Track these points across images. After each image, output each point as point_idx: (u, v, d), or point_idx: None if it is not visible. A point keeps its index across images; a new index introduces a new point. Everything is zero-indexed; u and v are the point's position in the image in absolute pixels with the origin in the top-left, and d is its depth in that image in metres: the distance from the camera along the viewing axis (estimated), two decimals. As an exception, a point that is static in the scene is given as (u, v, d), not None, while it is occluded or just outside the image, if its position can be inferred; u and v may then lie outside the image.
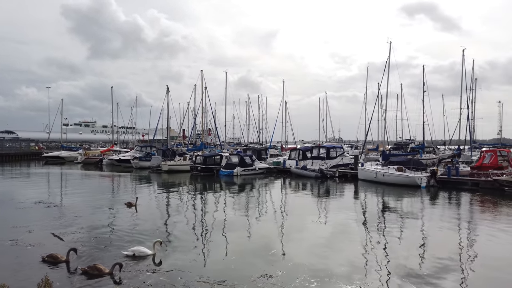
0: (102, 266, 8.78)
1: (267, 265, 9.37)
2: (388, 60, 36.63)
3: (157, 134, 64.89)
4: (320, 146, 40.96)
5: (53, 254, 9.64)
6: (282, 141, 66.82)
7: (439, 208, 19.16)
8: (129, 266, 9.23)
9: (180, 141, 64.05)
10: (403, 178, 26.32)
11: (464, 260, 10.22)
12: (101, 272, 8.60)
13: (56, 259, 9.49)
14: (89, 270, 8.65)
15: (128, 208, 17.19)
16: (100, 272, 8.59)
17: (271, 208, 18.99)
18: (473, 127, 45.48)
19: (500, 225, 14.68)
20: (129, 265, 9.26)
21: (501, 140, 65.94)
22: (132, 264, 9.35)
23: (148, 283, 8.19)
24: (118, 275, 8.51)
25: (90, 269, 8.68)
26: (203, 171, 35.33)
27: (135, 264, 9.39)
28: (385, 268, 9.39)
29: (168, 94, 53.29)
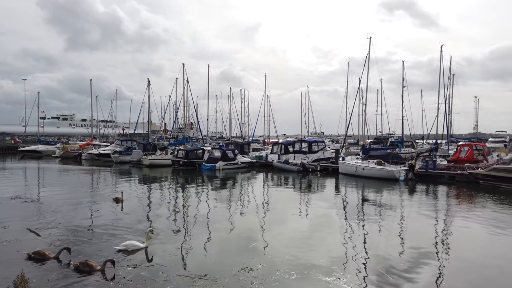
0: (94, 263, 8.64)
1: (247, 259, 9.44)
2: (368, 56, 37.12)
3: (138, 128, 64.02)
4: (302, 140, 41.25)
5: (41, 251, 9.41)
6: (264, 135, 66.96)
7: (416, 200, 19.65)
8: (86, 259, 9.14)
9: (162, 135, 63.43)
10: (382, 172, 26.85)
11: (440, 251, 10.56)
12: (92, 269, 8.46)
13: (44, 256, 9.25)
14: (80, 267, 8.51)
15: (115, 203, 16.97)
16: (91, 269, 8.46)
17: (253, 202, 19.07)
18: (450, 122, 46.67)
19: (475, 216, 15.18)
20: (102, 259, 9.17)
21: (477, 134, 68.02)
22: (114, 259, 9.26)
23: (128, 278, 8.13)
24: (113, 272, 8.39)
25: (81, 265, 8.54)
26: (185, 165, 35.11)
27: (117, 259, 9.30)
28: (364, 259, 9.61)
29: (149, 87, 52.58)
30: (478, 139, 53.02)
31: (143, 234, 10.97)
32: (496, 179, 22.69)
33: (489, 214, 15.56)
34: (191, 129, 79.01)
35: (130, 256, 9.61)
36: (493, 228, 13.00)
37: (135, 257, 9.58)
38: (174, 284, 7.81)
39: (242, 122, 69.82)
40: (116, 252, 9.86)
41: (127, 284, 7.84)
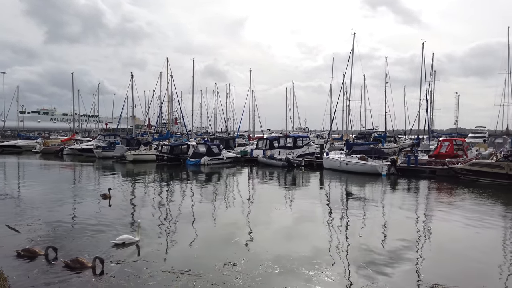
0: (85, 260, 8.54)
1: (231, 254, 9.47)
2: (352, 52, 37.39)
3: (121, 123, 63.10)
4: (287, 135, 41.46)
5: (30, 248, 9.28)
6: (249, 131, 67.01)
7: (398, 194, 20.03)
8: (91, 256, 9.04)
9: (146, 130, 62.71)
10: (365, 167, 27.23)
11: (421, 243, 10.80)
12: (84, 266, 8.35)
13: (34, 253, 9.11)
14: (70, 264, 8.39)
15: (103, 199, 16.75)
16: (83, 266, 8.35)
17: (237, 197, 19.10)
18: (432, 118, 47.58)
19: (455, 209, 15.57)
20: (91, 255, 9.07)
21: (457, 130, 69.54)
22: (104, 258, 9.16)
23: (111, 274, 8.07)
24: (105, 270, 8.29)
25: (72, 262, 8.42)
26: (169, 160, 34.87)
27: (102, 255, 9.20)
28: (346, 252, 9.76)
29: (132, 81, 51.79)
30: (459, 135, 54.27)
31: (129, 228, 10.89)
32: (475, 174, 23.29)
33: (468, 207, 15.98)
34: (176, 124, 78.47)
35: (113, 251, 9.52)
36: (472, 221, 13.36)
37: (118, 252, 9.51)
38: (158, 280, 7.79)
39: (227, 117, 69.67)
40: (112, 247, 9.89)
41: (110, 280, 7.78)
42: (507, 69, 44.82)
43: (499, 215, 14.71)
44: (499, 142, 38.06)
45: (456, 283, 7.62)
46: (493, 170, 22.40)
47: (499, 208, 16.18)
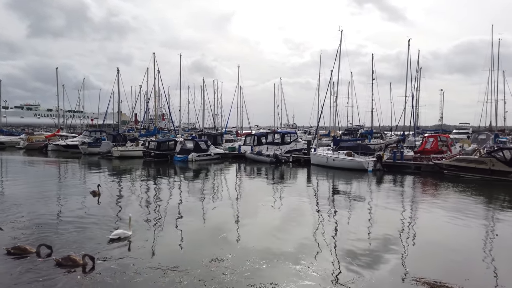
0: (77, 257, 8.44)
1: (218, 249, 9.47)
2: (339, 48, 37.54)
3: (107, 119, 62.27)
4: (275, 131, 41.50)
5: (21, 246, 9.13)
6: (237, 127, 66.83)
7: (384, 190, 20.29)
8: (79, 253, 8.94)
9: (132, 126, 62.06)
10: (351, 163, 27.49)
11: (407, 238, 10.99)
12: (76, 263, 8.26)
13: (25, 251, 8.96)
14: (62, 262, 8.27)
15: (92, 196, 16.48)
16: (75, 263, 8.25)
17: (225, 193, 19.09)
18: (417, 114, 48.21)
19: (439, 204, 15.86)
20: (79, 253, 8.97)
21: (442, 126, 70.71)
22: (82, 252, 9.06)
23: (97, 271, 8.00)
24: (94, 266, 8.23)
25: (64, 260, 8.31)
26: (156, 156, 34.60)
27: (88, 251, 9.11)
28: (333, 247, 9.87)
29: (118, 76, 51.10)
30: (443, 131, 55.16)
31: (120, 223, 10.78)
32: (459, 169, 23.73)
33: (452, 202, 16.30)
34: (163, 120, 77.79)
35: (100, 248, 9.43)
36: (456, 215, 13.63)
37: (105, 249, 9.42)
38: (145, 277, 7.75)
39: (215, 113, 69.43)
40: (108, 242, 9.92)
41: (95, 277, 7.71)
42: (491, 67, 45.61)
43: (481, 210, 15.04)
44: (482, 138, 38.87)
45: (440, 276, 7.78)
46: (477, 166, 22.85)
47: (481, 203, 16.53)
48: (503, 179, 21.43)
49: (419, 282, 7.54)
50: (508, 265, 8.84)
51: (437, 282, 7.45)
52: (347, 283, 7.56)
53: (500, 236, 11.46)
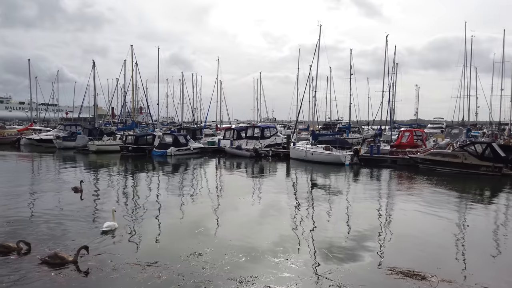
0: (65, 254, 8.24)
1: (195, 244, 9.47)
2: (318, 43, 37.78)
3: (83, 112, 60.74)
4: (254, 126, 41.54)
5: (5, 244, 8.87)
6: (217, 121, 66.48)
7: (361, 184, 20.70)
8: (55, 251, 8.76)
9: (109, 120, 60.73)
10: (329, 157, 27.87)
11: (383, 230, 11.28)
12: (64, 260, 8.06)
13: (9, 248, 8.72)
14: (49, 260, 8.04)
15: (74, 193, 16.00)
16: (63, 261, 8.05)
17: (205, 188, 19.03)
18: (394, 109, 49.26)
19: (414, 197, 16.33)
20: (55, 250, 8.79)
21: (417, 121, 72.39)
22: (58, 249, 8.87)
23: (73, 268, 7.85)
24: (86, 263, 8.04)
25: (51, 258, 8.08)
26: (134, 151, 34.07)
27: (64, 248, 8.94)
28: (311, 240, 10.03)
29: (94, 69, 49.82)
30: (418, 125, 56.56)
31: (98, 217, 10.59)
32: (433, 163, 24.43)
33: (426, 195, 16.78)
34: (141, 113, 76.54)
35: (75, 244, 9.25)
36: (430, 208, 14.06)
37: (71, 244, 9.24)
38: (122, 273, 7.66)
39: (194, 107, 68.74)
40: (101, 234, 10.15)
41: (69, 275, 7.57)
42: (464, 63, 46.95)
43: (454, 203, 15.56)
44: (455, 133, 40.05)
45: (413, 266, 8.03)
46: (450, 160, 23.59)
47: (454, 195, 17.09)
48: (475, 172, 22.20)
49: (394, 271, 7.77)
50: (476, 254, 9.21)
51: (410, 271, 7.70)
52: (324, 273, 7.71)
53: (471, 227, 11.91)
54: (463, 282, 7.33)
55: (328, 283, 7.28)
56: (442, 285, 7.12)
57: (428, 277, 7.40)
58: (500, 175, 21.55)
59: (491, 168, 21.95)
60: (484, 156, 22.55)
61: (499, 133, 41.64)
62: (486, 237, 10.84)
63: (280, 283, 7.26)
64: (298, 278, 7.49)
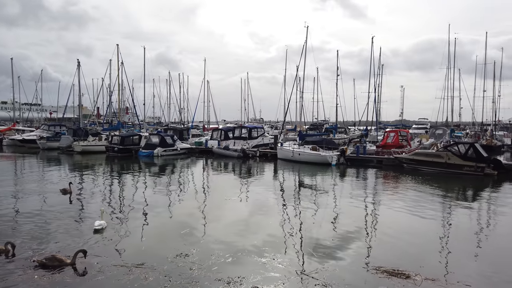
0: (63, 257, 8.12)
1: (183, 245, 9.45)
2: (305, 44, 38.07)
3: (67, 112, 59.84)
4: (242, 126, 41.54)
5: None
6: (204, 121, 66.24)
7: (347, 183, 20.92)
8: (39, 252, 8.64)
9: (94, 120, 59.91)
10: (316, 157, 28.08)
11: (368, 229, 11.43)
12: (63, 263, 7.94)
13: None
14: (47, 262, 7.89)
15: (63, 194, 15.64)
16: (62, 263, 7.93)
17: (192, 188, 18.96)
18: (379, 110, 49.86)
19: (398, 197, 16.56)
20: (39, 252, 8.66)
21: (402, 121, 73.46)
22: (43, 251, 8.74)
23: (56, 270, 7.74)
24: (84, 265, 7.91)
25: (48, 260, 7.93)
26: (120, 152, 33.71)
27: (48, 249, 8.81)
28: (298, 239, 10.10)
29: (79, 68, 49.12)
30: (403, 126, 57.44)
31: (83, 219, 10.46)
32: (417, 163, 24.83)
33: (411, 195, 17.05)
34: (127, 114, 75.65)
35: (58, 245, 9.13)
36: (413, 207, 14.30)
37: (67, 247, 9.13)
38: (108, 275, 7.59)
39: (181, 107, 68.34)
40: (94, 233, 10.30)
41: (53, 277, 7.46)
42: (448, 65, 47.89)
43: (437, 202, 15.83)
44: (439, 133, 40.77)
45: (398, 265, 8.17)
46: (433, 160, 24.01)
47: (437, 195, 17.38)
48: (458, 172, 22.65)
49: (379, 270, 7.89)
50: (459, 253, 9.42)
51: (395, 270, 7.83)
52: (311, 273, 7.79)
53: (454, 226, 12.17)
54: (446, 280, 7.49)
55: (314, 282, 7.36)
56: (425, 283, 7.27)
57: (412, 276, 7.54)
58: (483, 175, 22.04)
59: (474, 168, 22.43)
60: (467, 156, 23.02)
61: (481, 134, 42.61)
62: (469, 236, 11.09)
63: (267, 283, 7.30)
64: (285, 278, 7.54)
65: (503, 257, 9.22)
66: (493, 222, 12.99)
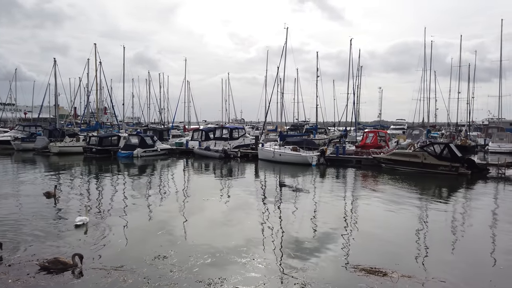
0: (66, 259, 7.99)
1: (162, 247, 9.38)
2: (285, 46, 38.40)
3: (43, 112, 58.20)
4: (223, 127, 41.47)
5: None
6: (184, 122, 65.73)
7: (327, 183, 21.20)
8: (16, 255, 8.46)
9: (71, 120, 58.55)
10: (296, 157, 28.32)
11: (348, 228, 11.61)
12: (67, 265, 7.82)
13: None
14: (50, 265, 7.75)
15: (46, 198, 15.13)
16: (66, 266, 7.81)
17: (172, 189, 18.81)
18: (358, 111, 50.74)
19: (377, 196, 16.85)
20: (16, 254, 8.45)
21: (381, 122, 74.97)
22: (18, 254, 8.51)
23: (32, 274, 7.56)
24: None
25: (51, 263, 7.79)
26: (98, 152, 33.09)
27: (23, 253, 8.58)
28: (278, 240, 10.16)
29: (55, 67, 48.00)
30: (382, 127, 58.57)
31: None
32: (395, 163, 25.38)
33: (388, 194, 17.41)
34: (105, 114, 74.27)
35: (33, 248, 8.91)
36: (390, 206, 14.63)
37: (43, 250, 8.92)
38: (86, 278, 7.46)
39: (162, 108, 67.61)
40: (75, 228, 10.63)
41: (28, 281, 7.27)
42: (424, 67, 49.18)
43: (414, 201, 16.22)
44: (416, 134, 41.85)
45: (376, 263, 8.34)
46: (410, 160, 24.59)
47: (414, 194, 17.83)
48: (434, 172, 23.27)
49: (357, 269, 8.05)
50: (435, 250, 9.68)
51: (372, 268, 8.00)
52: (291, 272, 7.87)
53: (430, 224, 12.51)
54: (421, 277, 7.70)
55: (293, 281, 7.44)
56: (402, 280, 7.46)
57: (389, 273, 7.72)
58: (457, 174, 22.71)
59: (449, 167, 23.09)
60: (442, 156, 23.68)
61: (456, 134, 43.89)
62: (444, 233, 11.43)
63: (248, 283, 7.33)
64: (265, 278, 7.59)
65: (476, 253, 9.54)
66: (467, 220, 13.43)
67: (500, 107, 48.40)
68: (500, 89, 47.45)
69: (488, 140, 40.91)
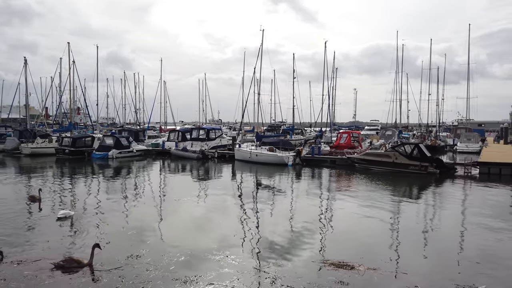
0: (80, 258, 8.06)
1: (136, 247, 9.43)
2: (261, 47, 38.76)
3: (12, 113, 56.44)
4: (199, 127, 41.41)
5: None
6: (161, 122, 65.13)
7: (302, 183, 21.63)
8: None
9: (43, 121, 56.96)
10: (273, 158, 28.70)
11: (323, 227, 11.99)
12: (81, 264, 7.88)
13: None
14: (65, 264, 7.81)
15: (31, 202, 14.55)
16: (80, 264, 7.87)
17: (148, 190, 18.76)
18: (334, 112, 51.73)
19: (350, 195, 17.38)
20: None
21: (355, 123, 76.65)
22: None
23: (3, 276, 7.51)
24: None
25: (66, 262, 7.85)
26: (71, 154, 32.41)
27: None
28: (252, 238, 10.43)
29: (26, 66, 46.59)
30: (356, 127, 60.01)
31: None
32: (368, 162, 26.12)
33: (362, 192, 17.98)
34: (78, 114, 72.61)
35: (9, 251, 8.80)
36: (365, 204, 15.12)
37: (17, 252, 8.82)
38: (58, 279, 7.47)
39: (137, 108, 66.70)
40: (56, 220, 11.06)
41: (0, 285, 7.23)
42: (396, 69, 50.67)
43: (385, 199, 16.82)
44: (389, 134, 43.07)
45: (346, 258, 8.70)
46: (382, 159, 25.38)
47: (385, 192, 18.47)
48: (404, 171, 24.11)
49: (326, 263, 8.40)
50: (401, 244, 10.18)
51: (341, 262, 8.38)
52: (263, 267, 8.15)
53: (399, 221, 13.07)
54: (386, 269, 8.13)
55: (265, 275, 7.71)
56: (368, 273, 7.85)
57: (356, 267, 8.11)
58: (426, 173, 23.61)
59: (418, 167, 23.98)
60: (412, 156, 24.57)
61: (426, 135, 45.46)
62: (412, 230, 11.96)
63: (222, 279, 7.53)
64: (238, 273, 7.82)
65: (440, 247, 10.09)
66: (435, 216, 14.10)
67: (468, 108, 50.38)
68: (468, 91, 49.45)
69: (456, 140, 42.55)
